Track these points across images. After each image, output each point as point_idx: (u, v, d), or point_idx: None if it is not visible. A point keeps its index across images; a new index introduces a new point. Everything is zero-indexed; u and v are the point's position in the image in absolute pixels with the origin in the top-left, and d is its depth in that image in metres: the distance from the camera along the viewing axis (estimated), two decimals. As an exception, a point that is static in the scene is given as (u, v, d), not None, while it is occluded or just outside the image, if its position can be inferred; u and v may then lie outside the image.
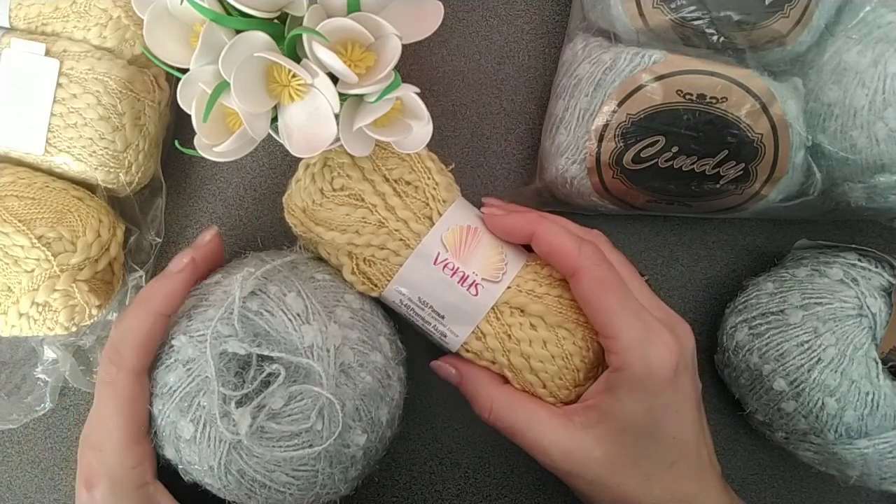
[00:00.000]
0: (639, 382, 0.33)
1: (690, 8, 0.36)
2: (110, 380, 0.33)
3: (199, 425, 0.31)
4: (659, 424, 0.33)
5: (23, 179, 0.37)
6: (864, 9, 0.36)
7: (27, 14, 0.38)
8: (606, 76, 0.38)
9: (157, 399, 0.33)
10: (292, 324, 0.32)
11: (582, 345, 0.35)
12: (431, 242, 0.35)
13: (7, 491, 0.44)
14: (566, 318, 0.35)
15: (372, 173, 0.35)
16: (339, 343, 0.33)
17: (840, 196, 0.39)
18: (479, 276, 0.35)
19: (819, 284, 0.38)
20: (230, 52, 0.29)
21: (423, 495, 0.44)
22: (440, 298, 0.35)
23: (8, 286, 0.35)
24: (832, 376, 0.36)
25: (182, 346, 0.33)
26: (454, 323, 0.36)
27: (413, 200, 0.35)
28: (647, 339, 0.33)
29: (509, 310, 0.35)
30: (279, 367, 0.32)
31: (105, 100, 0.37)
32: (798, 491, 0.45)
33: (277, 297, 0.33)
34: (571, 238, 0.34)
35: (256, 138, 0.31)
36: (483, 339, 0.35)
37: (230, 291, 0.33)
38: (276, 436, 0.31)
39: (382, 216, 0.35)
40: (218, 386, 0.31)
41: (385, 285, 0.36)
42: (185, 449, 0.32)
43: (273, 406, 0.31)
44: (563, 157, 0.40)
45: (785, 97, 0.37)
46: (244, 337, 0.32)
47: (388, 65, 0.30)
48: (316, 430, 0.31)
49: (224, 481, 0.32)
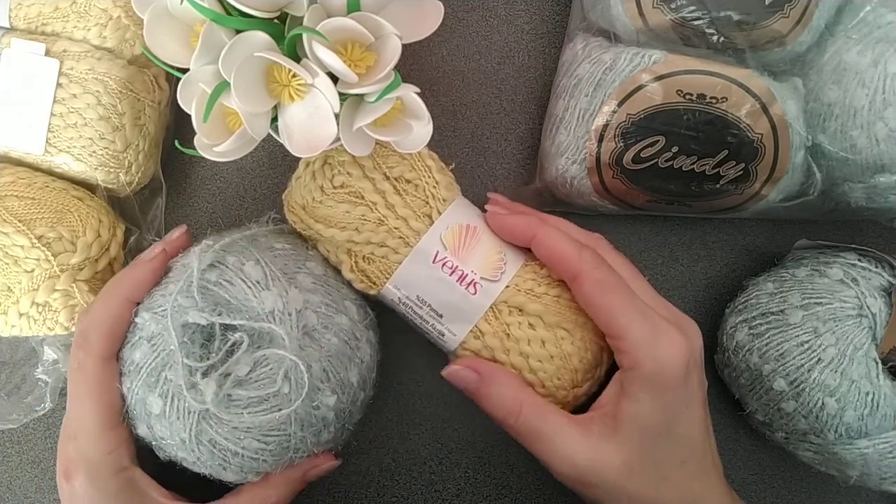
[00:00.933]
0: (651, 379, 0.32)
1: (690, 8, 0.36)
2: (78, 366, 0.33)
3: (168, 399, 0.32)
4: (672, 422, 0.33)
5: (23, 179, 0.37)
6: (864, 9, 0.36)
7: (27, 14, 0.38)
8: (606, 76, 0.38)
9: (126, 378, 0.33)
10: (251, 290, 0.32)
11: (580, 345, 0.35)
12: (430, 241, 0.35)
13: (7, 491, 0.44)
14: (565, 319, 0.35)
15: (372, 171, 0.35)
16: (300, 307, 0.33)
17: (840, 196, 0.39)
18: (478, 275, 0.35)
19: (819, 284, 0.38)
20: (230, 52, 0.29)
21: (423, 495, 0.44)
22: (439, 297, 0.35)
23: (8, 286, 0.35)
24: (832, 376, 0.36)
25: (145, 323, 0.33)
26: (452, 322, 0.36)
27: (413, 199, 0.35)
28: (655, 336, 0.33)
29: (508, 309, 0.35)
30: (242, 335, 0.32)
31: (105, 100, 0.37)
32: (798, 491, 0.45)
33: (236, 266, 0.33)
34: (571, 243, 0.34)
35: (256, 138, 0.31)
36: (482, 338, 0.35)
37: (189, 265, 0.33)
38: (243, 402, 0.31)
39: (382, 214, 0.35)
40: (182, 358, 0.31)
41: (384, 283, 0.36)
42: (156, 424, 0.32)
43: (239, 373, 0.31)
44: (563, 157, 0.40)
45: (785, 97, 0.37)
46: (204, 307, 0.32)
47: (388, 64, 0.30)
48: (283, 394, 0.31)
49: (197, 453, 0.32)
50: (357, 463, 0.44)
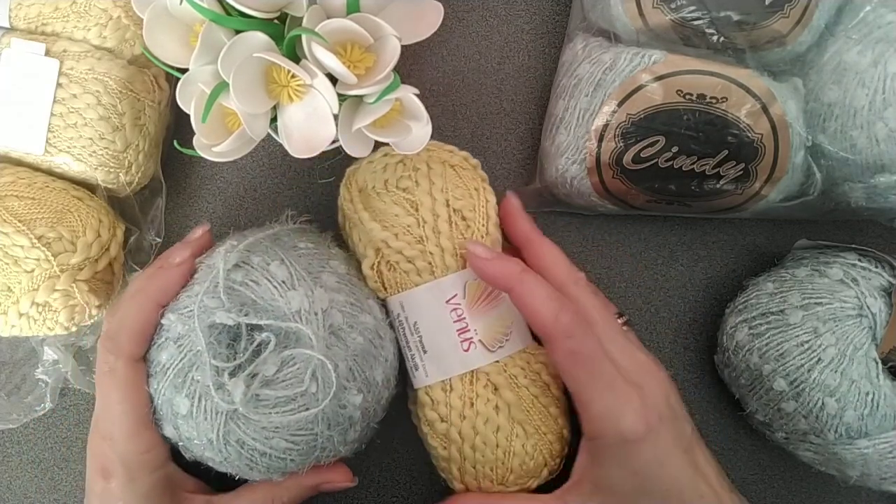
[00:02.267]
0: (615, 448, 0.33)
1: (690, 8, 0.36)
2: (109, 369, 0.33)
3: (195, 399, 0.32)
4: (647, 483, 0.33)
5: (23, 179, 0.37)
6: (864, 9, 0.36)
7: (27, 14, 0.38)
8: (606, 76, 0.38)
9: (153, 379, 0.33)
10: (278, 290, 0.32)
11: (530, 451, 0.35)
12: (454, 282, 0.35)
13: (7, 491, 0.44)
14: (529, 420, 0.35)
15: (438, 192, 0.35)
16: (326, 306, 0.33)
17: (840, 196, 0.39)
18: (478, 337, 0.35)
19: (819, 284, 0.38)
20: (229, 53, 0.29)
21: (424, 495, 0.44)
22: (433, 335, 0.35)
23: (8, 286, 0.35)
24: (832, 376, 0.36)
25: (171, 324, 0.33)
26: (432, 362, 0.35)
27: (459, 236, 0.35)
28: (617, 406, 0.33)
29: (486, 381, 0.35)
30: (269, 335, 0.32)
31: (105, 100, 0.37)
32: (798, 491, 0.45)
33: (261, 266, 0.33)
34: (549, 303, 0.33)
35: (255, 138, 0.31)
36: (447, 393, 0.35)
37: (214, 266, 0.33)
38: (271, 402, 0.31)
39: (426, 234, 0.35)
40: (210, 358, 0.31)
41: (393, 294, 0.36)
42: (183, 425, 0.32)
43: (266, 373, 0.31)
44: (563, 157, 0.40)
45: (785, 97, 0.37)
46: (231, 307, 0.32)
47: (387, 66, 0.30)
48: (311, 393, 0.31)
49: (224, 453, 0.32)
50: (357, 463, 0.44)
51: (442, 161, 0.37)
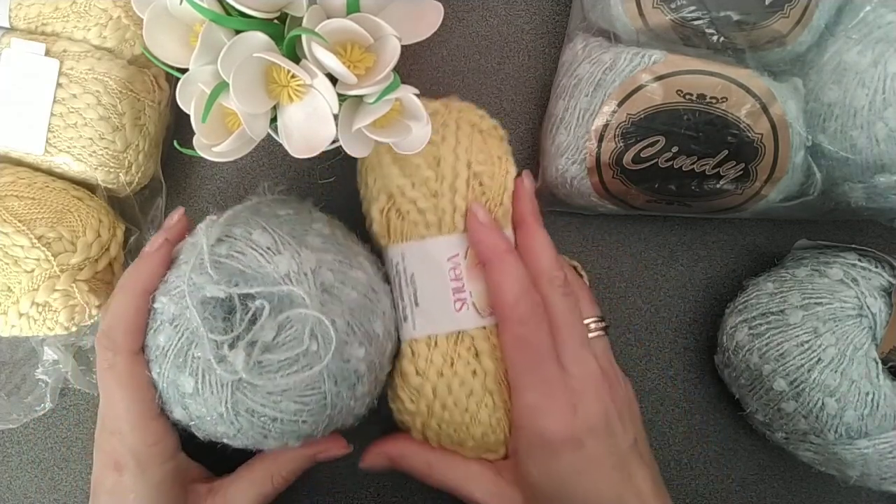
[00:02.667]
0: (533, 444, 0.34)
1: (690, 8, 0.36)
2: (109, 365, 0.33)
3: (199, 376, 0.32)
4: (563, 489, 0.33)
5: (23, 179, 0.37)
6: (864, 9, 0.36)
7: (27, 14, 0.38)
8: (606, 76, 0.38)
9: (154, 363, 0.33)
10: (264, 257, 0.32)
11: (493, 425, 0.35)
12: (458, 243, 0.35)
13: (7, 491, 0.44)
14: (500, 393, 0.35)
15: (462, 151, 0.36)
16: (315, 266, 0.33)
17: (840, 196, 0.39)
18: (471, 299, 0.35)
19: (819, 284, 0.38)
20: (229, 53, 0.28)
21: (423, 495, 0.44)
22: (427, 289, 0.35)
23: (8, 286, 0.35)
24: (832, 376, 0.36)
25: (164, 307, 0.33)
26: (422, 316, 0.36)
27: (474, 199, 0.35)
28: (545, 405, 0.33)
29: (470, 344, 0.35)
30: (262, 302, 0.32)
31: (105, 100, 0.37)
32: (798, 491, 0.45)
33: (244, 237, 0.33)
34: (514, 287, 0.34)
35: (255, 139, 0.31)
36: (430, 349, 0.35)
37: (197, 243, 0.33)
38: (274, 366, 0.31)
39: (441, 189, 0.35)
40: (206, 333, 0.31)
41: (396, 242, 0.36)
42: (191, 403, 0.32)
43: (265, 339, 0.31)
44: (563, 157, 0.40)
45: (785, 97, 0.37)
46: (220, 280, 0.32)
47: (387, 66, 0.30)
48: (312, 352, 0.31)
49: (237, 424, 0.32)
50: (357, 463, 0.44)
51: (471, 123, 0.37)
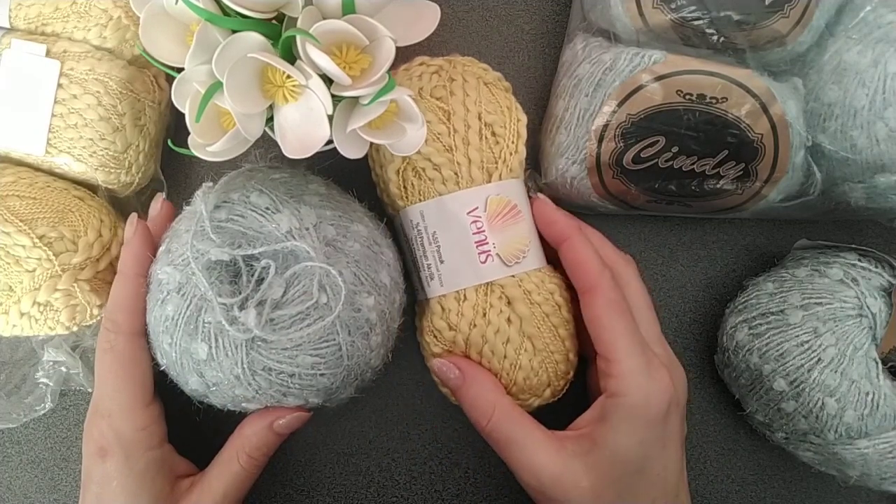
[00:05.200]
0: (634, 411, 0.33)
1: (690, 8, 0.36)
2: (109, 346, 0.34)
3: (212, 340, 0.32)
4: (647, 459, 0.33)
5: (24, 179, 0.37)
6: (864, 9, 0.36)
7: (27, 14, 0.38)
8: (606, 76, 0.38)
9: (164, 335, 0.33)
10: (264, 217, 0.32)
11: (535, 367, 0.35)
12: (478, 195, 0.35)
13: (7, 491, 0.44)
14: (539, 336, 0.35)
15: (472, 103, 0.36)
16: (315, 221, 0.33)
17: (840, 196, 0.39)
18: (496, 250, 0.35)
19: (819, 284, 0.38)
20: (223, 53, 0.28)
21: (423, 495, 0.44)
22: (451, 246, 0.35)
23: (9, 286, 0.35)
24: (832, 376, 0.36)
25: (169, 276, 0.33)
26: (448, 273, 0.36)
27: (488, 150, 0.36)
28: (648, 370, 0.33)
29: (500, 294, 0.35)
30: (267, 262, 0.32)
31: (105, 100, 0.37)
32: (798, 491, 0.45)
33: (241, 200, 0.33)
34: (597, 257, 0.35)
35: (250, 139, 0.31)
36: (460, 303, 0.35)
37: (196, 210, 0.33)
38: (286, 321, 0.31)
39: (455, 143, 0.35)
40: (215, 296, 0.31)
41: (415, 202, 0.36)
42: (207, 369, 0.32)
43: (274, 296, 0.31)
44: (563, 157, 0.40)
45: (785, 97, 0.37)
46: (223, 243, 0.32)
47: (382, 67, 0.30)
48: (322, 304, 0.32)
49: (255, 384, 0.32)
50: (357, 463, 0.44)
51: (477, 76, 0.37)
